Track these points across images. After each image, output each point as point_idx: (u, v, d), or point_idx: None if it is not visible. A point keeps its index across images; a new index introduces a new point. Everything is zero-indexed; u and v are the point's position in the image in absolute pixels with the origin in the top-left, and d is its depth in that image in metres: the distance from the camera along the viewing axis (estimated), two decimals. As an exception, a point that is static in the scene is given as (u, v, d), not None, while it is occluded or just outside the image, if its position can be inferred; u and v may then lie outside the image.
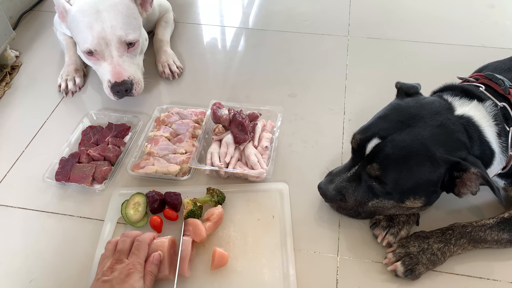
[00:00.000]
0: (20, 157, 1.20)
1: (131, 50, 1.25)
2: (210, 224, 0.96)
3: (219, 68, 1.49)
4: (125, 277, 0.79)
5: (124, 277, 0.79)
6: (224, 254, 0.91)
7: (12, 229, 1.04)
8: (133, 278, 0.79)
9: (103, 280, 0.79)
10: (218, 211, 0.98)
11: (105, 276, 0.80)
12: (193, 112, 1.26)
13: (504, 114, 0.90)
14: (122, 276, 0.79)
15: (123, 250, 0.85)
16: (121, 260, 0.83)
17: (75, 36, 1.25)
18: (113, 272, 0.80)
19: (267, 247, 0.96)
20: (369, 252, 0.96)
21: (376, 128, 0.89)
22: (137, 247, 0.86)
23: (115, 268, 0.81)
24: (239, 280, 0.91)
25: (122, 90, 1.22)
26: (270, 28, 1.66)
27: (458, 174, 0.83)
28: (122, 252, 0.85)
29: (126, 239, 0.88)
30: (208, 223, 0.96)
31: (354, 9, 1.74)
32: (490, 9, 1.72)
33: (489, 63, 1.11)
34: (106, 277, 0.79)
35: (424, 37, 1.58)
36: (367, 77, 1.41)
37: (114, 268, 0.81)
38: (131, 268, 0.81)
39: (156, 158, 1.12)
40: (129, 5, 1.25)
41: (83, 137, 1.22)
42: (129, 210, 1.00)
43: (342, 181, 0.94)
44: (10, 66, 1.49)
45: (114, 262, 0.82)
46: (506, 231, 0.92)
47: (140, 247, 0.86)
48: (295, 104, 1.33)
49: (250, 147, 1.13)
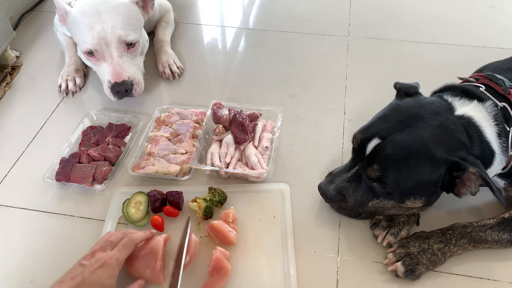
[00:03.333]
0: (21, 157, 1.20)
1: (131, 50, 1.25)
2: (233, 226, 0.97)
3: (220, 68, 1.49)
4: (98, 268, 0.78)
5: (97, 267, 0.78)
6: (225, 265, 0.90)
7: (13, 229, 1.04)
8: (104, 272, 0.78)
9: (80, 263, 0.80)
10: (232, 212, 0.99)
11: (84, 260, 0.80)
12: (194, 113, 1.26)
13: (504, 114, 0.90)
14: (96, 266, 0.78)
15: (112, 242, 0.85)
16: (104, 249, 0.82)
17: (76, 37, 1.25)
18: (92, 258, 0.80)
19: (268, 247, 0.96)
20: (369, 253, 0.96)
21: (376, 128, 0.89)
22: (123, 243, 0.85)
23: (95, 254, 0.81)
24: (240, 281, 0.91)
25: (122, 90, 1.22)
26: (270, 28, 1.66)
27: (458, 174, 0.83)
28: (111, 243, 0.84)
29: (119, 234, 0.88)
30: (232, 225, 0.97)
31: (354, 10, 1.74)
32: (490, 9, 1.72)
33: (489, 63, 1.11)
34: (84, 261, 0.80)
35: (425, 38, 1.58)
36: (367, 77, 1.42)
37: (94, 254, 0.81)
38: (107, 261, 0.80)
39: (157, 158, 1.12)
40: (130, 7, 1.25)
41: (84, 137, 1.22)
42: (130, 209, 1.01)
43: (342, 182, 0.94)
44: (10, 66, 1.50)
45: (97, 249, 0.82)
46: (506, 231, 0.92)
47: (126, 244, 0.85)
48: (296, 104, 1.33)
49: (251, 147, 1.13)
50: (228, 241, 0.94)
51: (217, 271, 0.88)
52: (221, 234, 0.94)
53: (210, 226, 0.95)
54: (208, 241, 0.97)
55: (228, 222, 0.97)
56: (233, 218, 0.98)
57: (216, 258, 0.89)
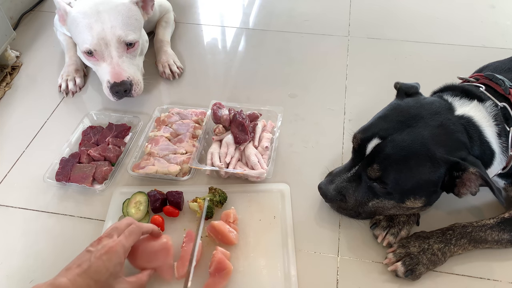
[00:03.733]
0: (21, 157, 1.20)
1: (130, 51, 1.25)
2: (234, 226, 0.97)
3: (220, 68, 1.49)
4: (104, 253, 0.78)
5: (103, 252, 0.78)
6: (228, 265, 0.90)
7: (13, 229, 1.04)
8: (110, 258, 0.78)
9: (87, 249, 0.80)
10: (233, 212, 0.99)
11: (91, 246, 0.80)
12: (194, 113, 1.26)
13: (504, 114, 0.90)
14: (102, 251, 0.78)
15: (118, 228, 0.84)
16: (111, 235, 0.82)
17: (75, 37, 1.25)
18: (98, 244, 0.80)
19: (269, 247, 0.96)
20: (369, 253, 0.96)
21: (376, 128, 0.89)
22: (130, 230, 0.85)
23: (101, 241, 0.81)
24: (241, 281, 0.91)
25: (121, 90, 1.22)
26: (270, 28, 1.66)
27: (458, 174, 0.83)
28: (116, 229, 0.84)
29: (125, 220, 0.87)
30: (233, 226, 0.97)
31: (354, 10, 1.74)
32: (490, 10, 1.72)
33: (489, 63, 1.11)
34: (91, 247, 0.80)
35: (425, 38, 1.58)
36: (367, 78, 1.42)
37: (101, 240, 0.81)
38: (113, 247, 0.79)
39: (157, 158, 1.12)
40: (130, 7, 1.25)
41: (84, 137, 1.22)
42: (130, 209, 1.01)
43: (342, 182, 0.94)
44: (10, 66, 1.50)
45: (104, 235, 0.82)
46: (506, 231, 0.92)
47: (132, 231, 0.85)
48: (296, 105, 1.33)
49: (251, 147, 1.13)
50: (229, 242, 0.94)
51: (219, 271, 0.88)
52: (221, 234, 0.94)
53: (211, 226, 0.95)
54: (208, 241, 0.97)
55: (229, 222, 0.97)
56: (234, 219, 0.98)
57: (219, 259, 0.89)
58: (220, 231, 0.94)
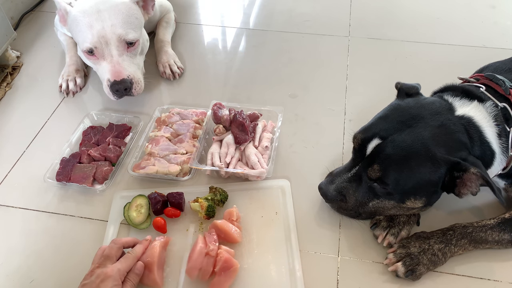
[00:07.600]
0: (21, 157, 1.20)
1: (131, 49, 1.25)
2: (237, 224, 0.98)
3: (220, 68, 1.49)
4: (100, 283, 0.79)
5: (99, 282, 0.79)
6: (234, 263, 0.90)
7: (13, 229, 1.04)
8: (106, 284, 0.79)
9: (82, 284, 0.81)
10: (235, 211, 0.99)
11: (85, 280, 0.81)
12: (194, 113, 1.26)
13: (504, 115, 0.90)
14: (98, 281, 0.79)
15: (109, 256, 0.85)
16: (104, 265, 0.83)
17: (76, 36, 1.25)
18: (91, 276, 0.81)
19: (272, 243, 0.96)
20: (369, 253, 0.96)
21: (377, 128, 0.89)
22: (126, 257, 0.87)
23: (94, 272, 0.82)
24: (246, 278, 0.91)
25: (121, 89, 1.22)
26: (270, 28, 1.66)
27: (459, 175, 0.83)
28: (107, 258, 0.85)
29: (114, 246, 0.88)
30: (236, 224, 0.97)
31: (354, 10, 1.73)
32: (490, 10, 1.72)
33: (489, 63, 1.11)
34: (85, 280, 0.81)
35: (425, 38, 1.57)
36: (367, 78, 1.41)
37: (93, 272, 0.82)
38: (108, 273, 0.81)
39: (157, 158, 1.12)
40: (130, 6, 1.25)
41: (84, 138, 1.22)
42: (131, 213, 1.01)
43: (342, 182, 0.94)
44: (11, 66, 1.50)
45: (96, 267, 0.83)
46: (507, 231, 0.92)
47: (128, 258, 0.86)
48: (296, 105, 1.33)
49: (251, 147, 1.13)
50: (232, 240, 0.94)
51: (225, 270, 0.88)
52: (225, 233, 0.94)
53: (214, 225, 0.95)
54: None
55: (232, 220, 0.97)
56: (237, 217, 0.98)
57: (226, 258, 0.89)
58: (223, 230, 0.94)
